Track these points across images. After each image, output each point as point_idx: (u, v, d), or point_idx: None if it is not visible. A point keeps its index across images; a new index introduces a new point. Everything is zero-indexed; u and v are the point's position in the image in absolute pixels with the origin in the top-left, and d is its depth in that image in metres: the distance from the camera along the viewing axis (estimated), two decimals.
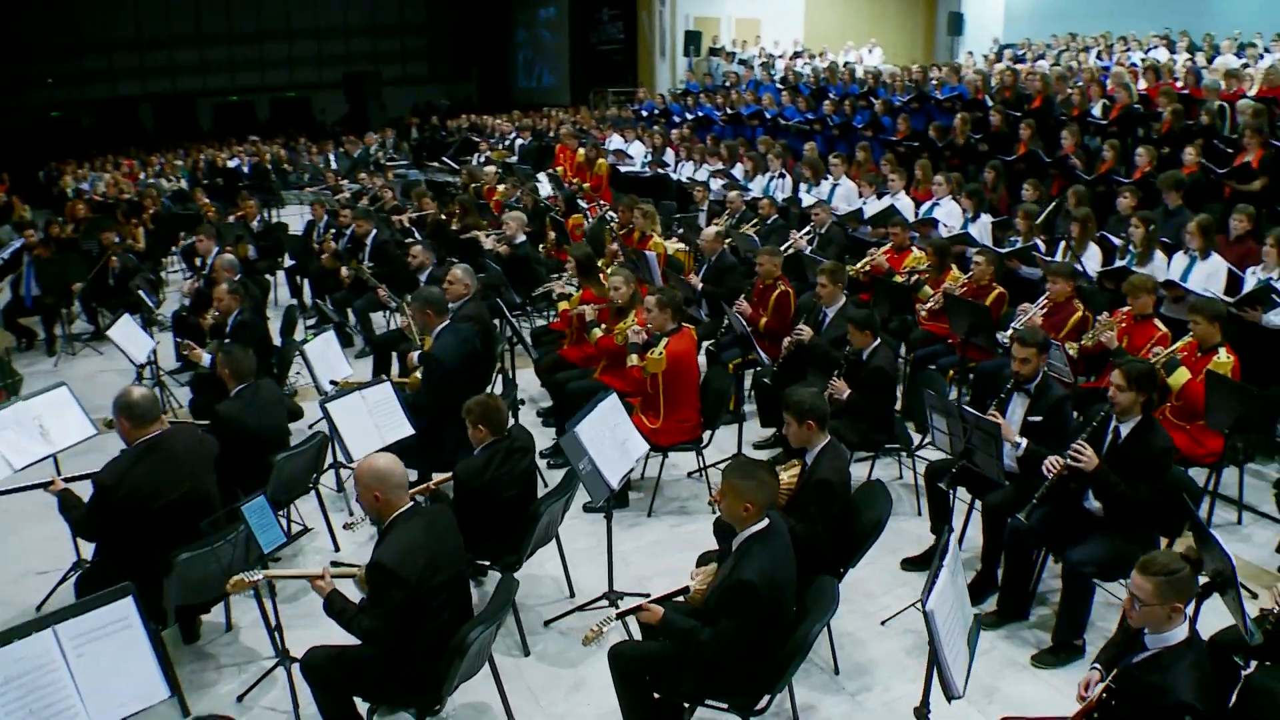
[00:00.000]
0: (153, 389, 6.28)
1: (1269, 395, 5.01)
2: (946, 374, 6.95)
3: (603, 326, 6.51)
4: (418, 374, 5.83)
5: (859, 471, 5.76)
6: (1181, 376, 5.45)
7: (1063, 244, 7.66)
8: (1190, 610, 3.09)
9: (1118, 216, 7.95)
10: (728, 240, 8.50)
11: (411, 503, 3.53)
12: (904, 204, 9.30)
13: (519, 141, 14.51)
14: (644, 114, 16.10)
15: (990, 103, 11.41)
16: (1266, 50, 14.42)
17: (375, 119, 23.16)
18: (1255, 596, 4.92)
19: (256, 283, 8.00)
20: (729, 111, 14.43)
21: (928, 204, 9.19)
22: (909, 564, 5.23)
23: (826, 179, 10.49)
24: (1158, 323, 6.07)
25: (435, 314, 5.58)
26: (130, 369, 7.09)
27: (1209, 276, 6.56)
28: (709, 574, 3.63)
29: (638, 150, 13.65)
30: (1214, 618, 3.66)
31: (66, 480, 4.26)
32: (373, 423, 4.84)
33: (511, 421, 4.71)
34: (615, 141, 13.81)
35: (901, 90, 12.88)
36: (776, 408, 6.72)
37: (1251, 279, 6.33)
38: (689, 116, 15.27)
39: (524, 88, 28.83)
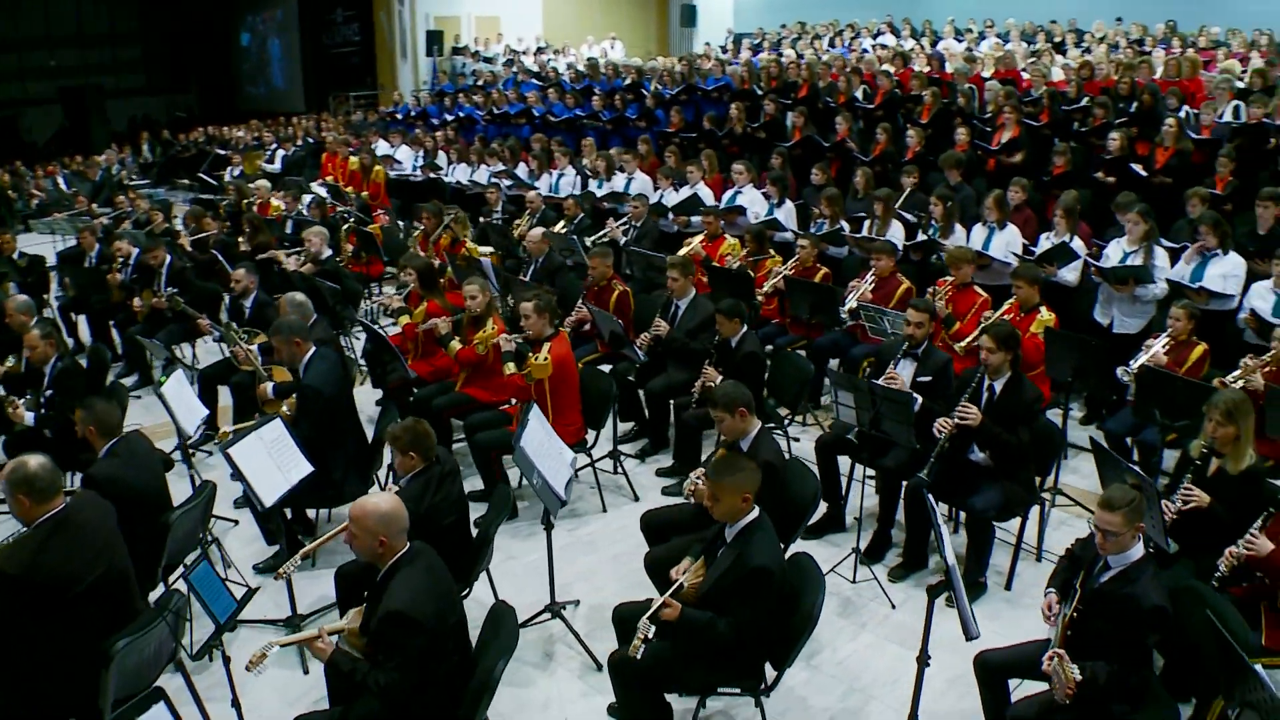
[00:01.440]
0: None
1: (1103, 346, 5.80)
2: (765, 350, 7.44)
3: (459, 338, 6.46)
4: (284, 407, 5.54)
5: None
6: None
7: (866, 223, 8.37)
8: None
9: (904, 195, 8.76)
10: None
11: (408, 545, 3.42)
12: (705, 194, 9.75)
13: (280, 152, 13.75)
14: (399, 117, 15.72)
15: (760, 92, 12.14)
16: (981, 35, 16.31)
17: (98, 136, 21.04)
18: None
19: None
20: (494, 111, 14.41)
21: (729, 192, 9.69)
22: (809, 531, 5.58)
23: (618, 174, 10.80)
24: (977, 289, 6.84)
25: (303, 341, 5.32)
26: None
27: (1007, 244, 7.44)
28: (698, 569, 3.78)
29: (405, 155, 13.37)
30: None
31: None
32: (274, 463, 4.58)
33: None
34: (381, 147, 13.44)
35: (670, 82, 13.40)
36: (637, 402, 7.03)
37: (1046, 243, 7.25)
38: (449, 117, 15.11)
39: (251, 94, 27.25)
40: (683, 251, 8.58)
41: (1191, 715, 3.68)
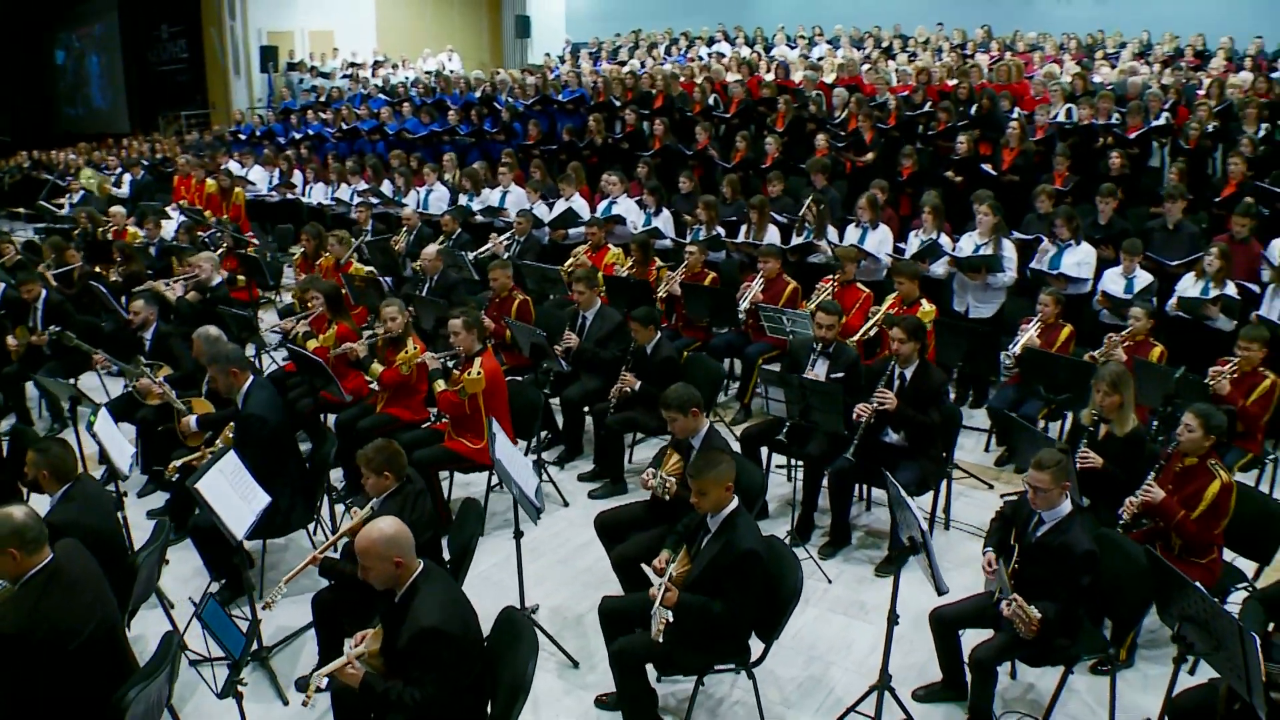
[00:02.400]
0: None
1: (991, 332, 6.49)
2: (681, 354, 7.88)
3: (378, 360, 6.57)
4: (218, 442, 5.55)
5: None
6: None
7: (743, 228, 8.91)
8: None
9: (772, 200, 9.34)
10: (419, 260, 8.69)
11: (422, 563, 3.61)
12: (581, 206, 10.08)
13: (127, 176, 13.15)
14: (243, 136, 15.31)
15: (617, 103, 12.56)
16: (812, 42, 17.27)
17: None
18: (991, 486, 6.45)
19: None
20: (343, 127, 14.28)
21: (604, 203, 10.06)
22: None
23: (487, 189, 11.00)
24: (859, 285, 7.46)
25: (240, 371, 5.34)
26: None
27: (880, 242, 8.12)
28: (683, 559, 4.12)
29: (259, 175, 13.11)
30: None
31: None
32: (237, 495, 4.62)
33: None
34: (231, 168, 13.12)
35: (521, 95, 13.64)
36: (550, 411, 7.29)
37: (915, 241, 7.96)
38: (296, 135, 14.86)
39: (70, 115, 25.55)
40: (569, 263, 8.91)
41: (1111, 634, 4.28)
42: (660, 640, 3.65)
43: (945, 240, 7.86)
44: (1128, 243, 6.96)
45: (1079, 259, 7.24)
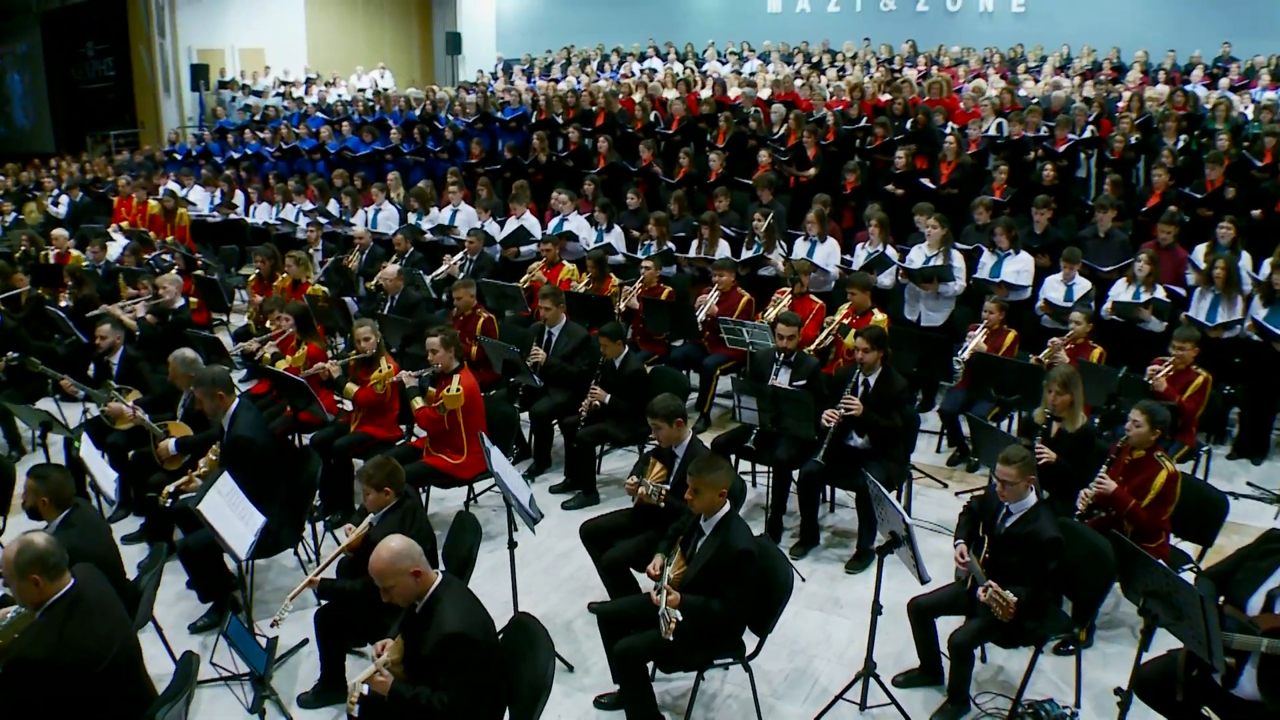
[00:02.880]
0: None
1: (942, 340, 6.88)
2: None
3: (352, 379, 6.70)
4: (202, 464, 5.64)
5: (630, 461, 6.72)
6: (853, 337, 7.17)
7: (694, 243, 9.21)
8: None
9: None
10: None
11: (440, 573, 3.80)
12: (532, 224, 10.28)
13: (65, 197, 12.94)
14: (179, 156, 15.19)
15: (560, 120, 12.80)
16: (743, 58, 17.72)
17: None
18: (946, 485, 6.83)
19: None
20: (283, 147, 14.26)
21: (555, 220, 10.28)
22: None
23: (435, 207, 11.15)
24: (813, 296, 7.81)
25: (226, 394, 5.45)
26: None
27: (829, 255, 8.49)
28: (678, 561, 4.37)
29: (199, 195, 13.03)
30: None
31: None
32: (235, 515, 4.75)
33: None
34: (173, 189, 13.02)
35: (461, 112, 13.80)
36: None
37: (862, 254, 8.35)
38: (235, 155, 14.79)
39: None
40: (524, 279, 9.12)
41: (1073, 615, 4.65)
42: (671, 639, 3.89)
43: (891, 252, 8.26)
44: (1067, 251, 7.44)
45: (1019, 267, 7.69)
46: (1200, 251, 7.62)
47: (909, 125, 10.82)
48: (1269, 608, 3.60)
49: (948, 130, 10.32)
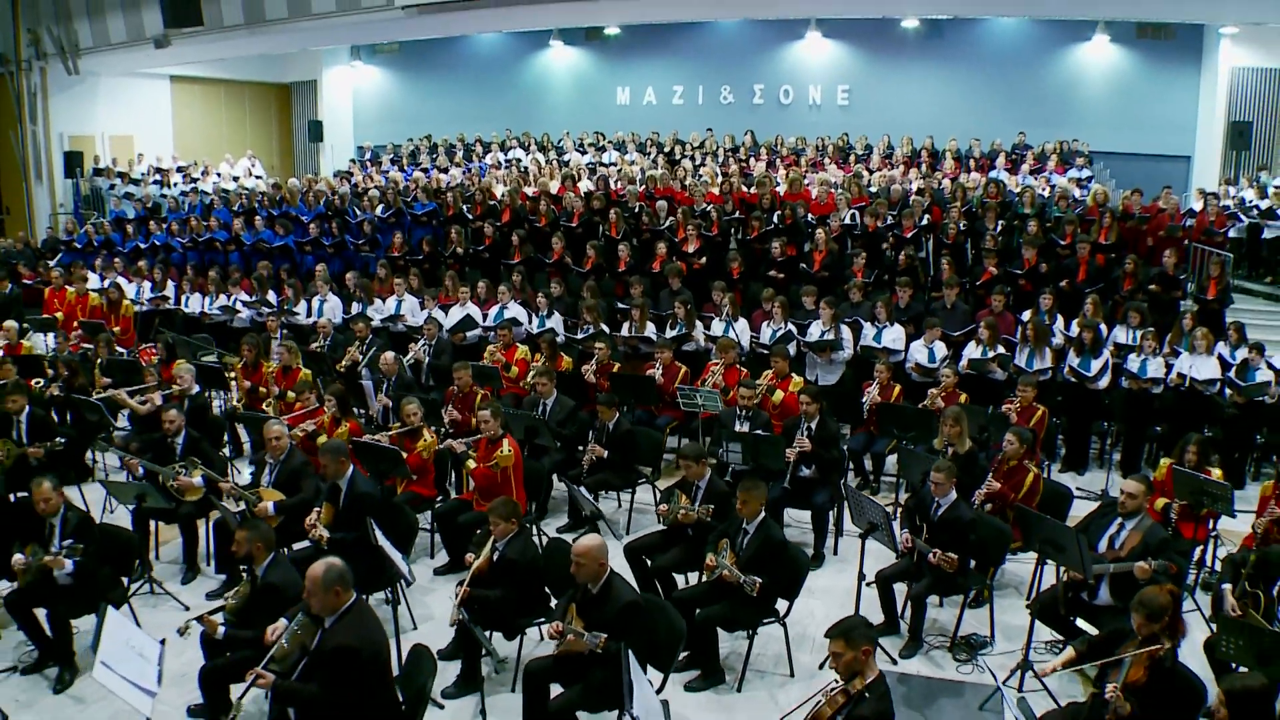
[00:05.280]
0: None
1: (849, 393, 9.31)
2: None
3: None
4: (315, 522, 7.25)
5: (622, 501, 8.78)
6: (778, 395, 9.48)
7: (625, 324, 11.36)
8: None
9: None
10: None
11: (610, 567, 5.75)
12: (475, 312, 12.10)
13: None
14: (78, 246, 15.97)
15: (469, 215, 14.72)
16: (601, 149, 20.09)
17: None
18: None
19: None
20: (196, 239, 15.38)
21: (496, 308, 12.12)
22: None
23: (379, 298, 12.80)
24: (739, 367, 10.11)
25: (346, 459, 7.12)
26: None
27: (742, 332, 10.83)
28: (730, 555, 6.45)
29: (125, 286, 14.03)
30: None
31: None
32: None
33: None
34: (91, 280, 13.99)
35: (370, 207, 15.43)
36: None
37: (768, 330, 10.75)
38: (140, 244, 15.80)
39: None
40: (485, 360, 10.96)
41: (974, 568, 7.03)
42: (755, 595, 6.00)
43: (793, 328, 10.71)
44: (928, 320, 10.14)
45: (894, 336, 10.30)
46: (1027, 316, 10.45)
47: (776, 218, 13.33)
48: (1110, 546, 6.11)
49: (809, 219, 13.00)
